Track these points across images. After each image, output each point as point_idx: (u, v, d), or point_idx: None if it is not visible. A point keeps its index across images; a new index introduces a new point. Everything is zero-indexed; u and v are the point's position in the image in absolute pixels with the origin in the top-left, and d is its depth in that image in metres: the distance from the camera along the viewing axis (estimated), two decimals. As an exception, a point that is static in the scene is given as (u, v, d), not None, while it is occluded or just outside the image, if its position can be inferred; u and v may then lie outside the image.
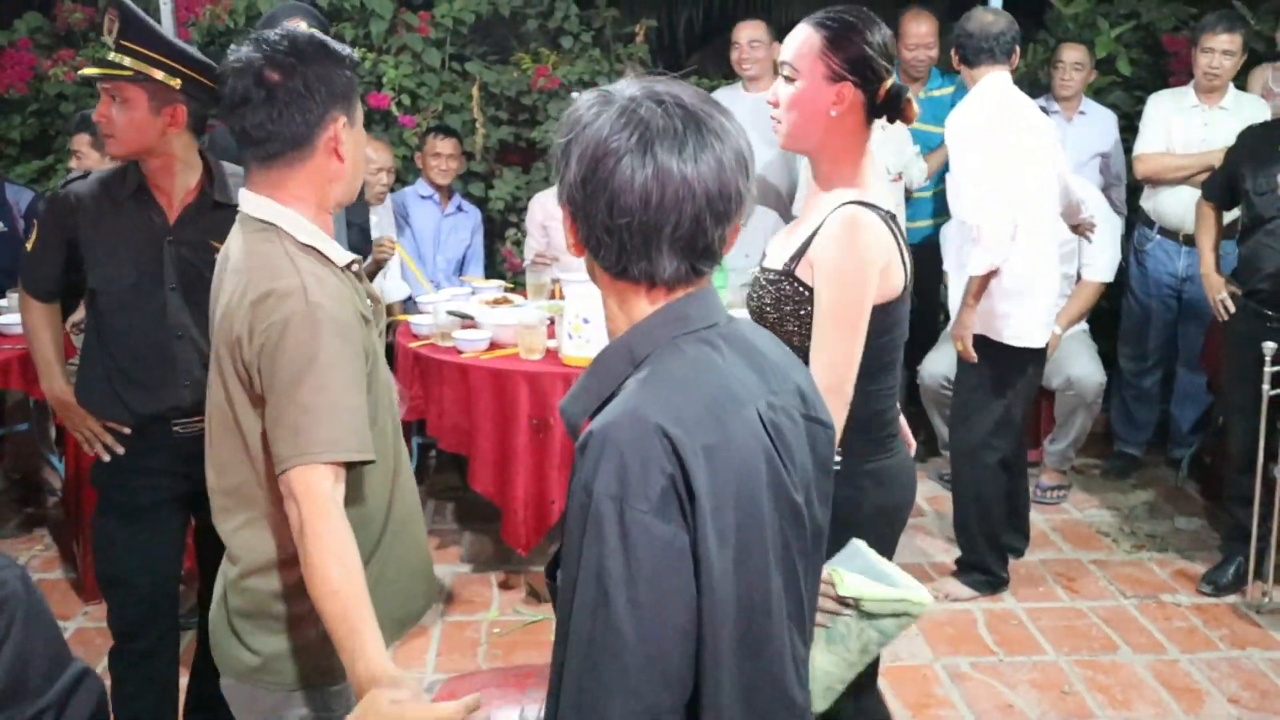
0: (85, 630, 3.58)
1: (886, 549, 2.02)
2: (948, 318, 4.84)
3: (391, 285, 4.49)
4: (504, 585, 3.88)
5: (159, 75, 2.30)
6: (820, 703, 1.74)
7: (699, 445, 1.15)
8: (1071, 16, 5.39)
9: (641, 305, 1.26)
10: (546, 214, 4.69)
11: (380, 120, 5.31)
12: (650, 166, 1.18)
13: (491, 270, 5.24)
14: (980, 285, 3.60)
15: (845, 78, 2.02)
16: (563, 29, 5.60)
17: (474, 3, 5.43)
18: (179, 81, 2.32)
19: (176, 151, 2.41)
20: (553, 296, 4.31)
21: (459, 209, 4.96)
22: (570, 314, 3.58)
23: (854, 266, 2.00)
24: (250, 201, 1.78)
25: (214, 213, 2.42)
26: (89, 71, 2.39)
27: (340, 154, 1.78)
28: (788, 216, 4.72)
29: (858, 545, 1.86)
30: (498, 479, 3.66)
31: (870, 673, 2.21)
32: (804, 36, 2.07)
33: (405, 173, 5.16)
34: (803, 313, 2.06)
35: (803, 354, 2.02)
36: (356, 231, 3.75)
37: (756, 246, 2.70)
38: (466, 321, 3.92)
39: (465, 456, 3.86)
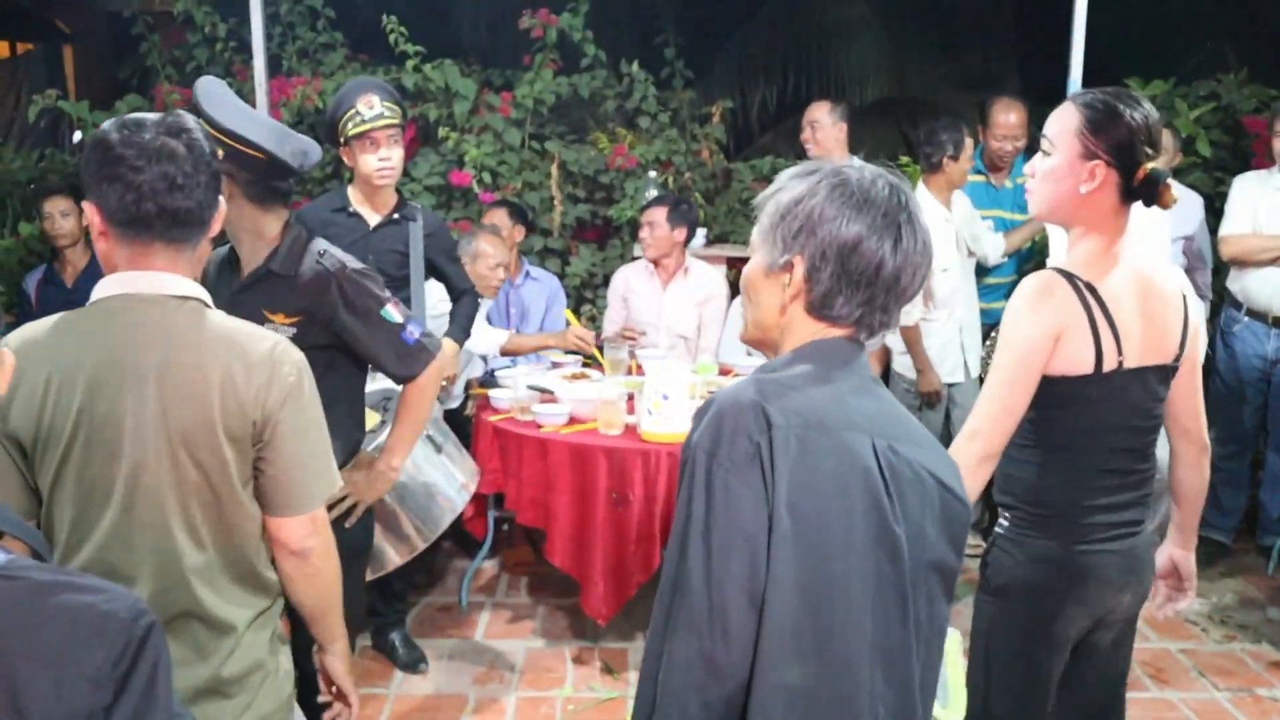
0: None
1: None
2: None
3: (483, 339, 4.39)
4: (578, 660, 3.85)
5: None
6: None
7: (794, 429, 1.28)
8: (1150, 98, 5.38)
9: (808, 332, 1.42)
10: (628, 287, 4.74)
11: (460, 197, 5.43)
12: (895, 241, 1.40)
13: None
14: None
15: (1098, 156, 2.02)
16: (640, 109, 5.71)
17: (554, 84, 5.56)
18: (221, 152, 2.34)
19: (234, 220, 2.42)
20: (630, 372, 4.34)
21: (529, 276, 4.91)
22: (650, 390, 3.61)
23: (1023, 321, 2.03)
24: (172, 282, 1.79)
25: (266, 282, 2.46)
26: None
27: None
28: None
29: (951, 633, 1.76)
30: (576, 552, 3.67)
31: None
32: (1063, 111, 2.09)
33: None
34: None
35: None
36: (458, 328, 3.77)
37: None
38: (546, 396, 3.95)
39: (541, 531, 3.87)
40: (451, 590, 4.41)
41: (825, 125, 4.84)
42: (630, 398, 3.87)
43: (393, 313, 2.53)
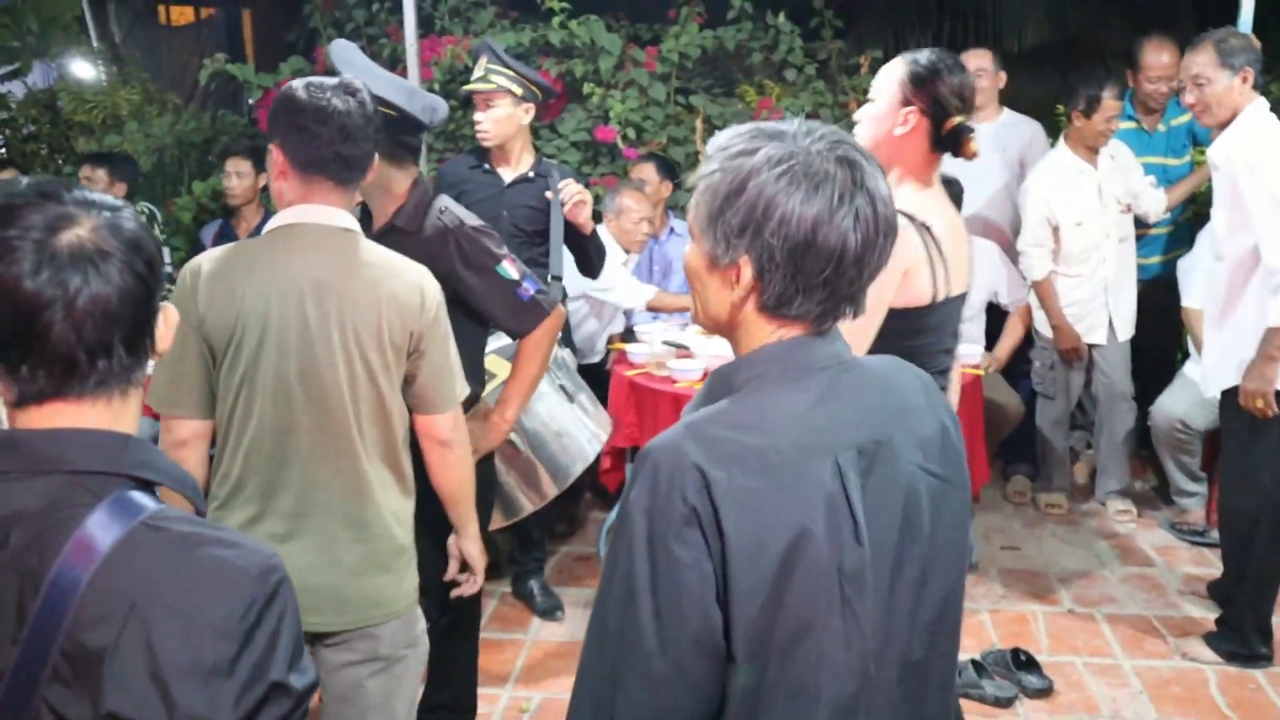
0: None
1: None
2: (1185, 356, 4.59)
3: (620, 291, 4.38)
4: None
5: None
6: None
7: (735, 481, 1.18)
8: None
9: (763, 334, 1.29)
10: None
11: (607, 153, 5.49)
12: (841, 217, 1.23)
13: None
14: None
15: (913, 104, 2.32)
16: (787, 62, 5.64)
17: (700, 38, 5.55)
18: None
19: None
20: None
21: (674, 232, 4.88)
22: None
23: None
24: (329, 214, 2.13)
25: (391, 236, 2.53)
26: None
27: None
28: (1011, 251, 4.59)
29: None
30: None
31: None
32: (892, 65, 2.38)
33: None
34: None
35: None
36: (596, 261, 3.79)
37: (979, 278, 2.74)
38: (682, 351, 4.00)
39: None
40: (590, 540, 4.52)
41: (988, 73, 4.71)
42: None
43: (508, 269, 2.66)
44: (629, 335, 4.56)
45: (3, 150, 5.67)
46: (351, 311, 2.08)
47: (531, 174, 3.67)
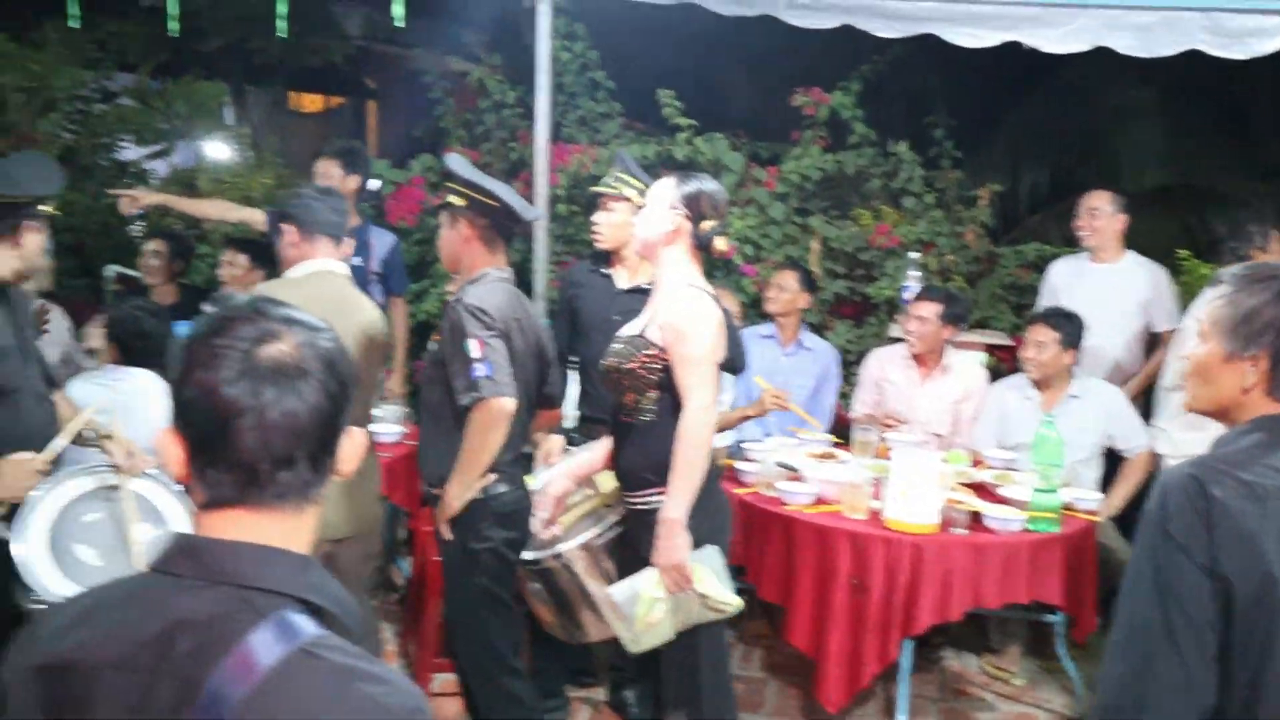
0: None
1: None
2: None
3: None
4: (805, 741, 3.85)
5: (455, 200, 3.20)
6: (647, 640, 2.86)
7: (1231, 501, 1.58)
8: None
9: (1264, 407, 1.71)
10: (883, 374, 4.70)
11: (722, 267, 5.57)
12: None
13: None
14: None
15: (679, 208, 2.91)
16: (905, 189, 5.71)
17: (821, 161, 5.65)
18: (465, 202, 3.17)
19: (460, 256, 3.26)
20: (879, 455, 4.32)
21: (801, 346, 4.80)
22: (898, 477, 3.59)
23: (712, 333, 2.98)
24: None
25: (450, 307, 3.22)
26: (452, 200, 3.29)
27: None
28: (1134, 396, 4.54)
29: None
30: (814, 634, 3.67)
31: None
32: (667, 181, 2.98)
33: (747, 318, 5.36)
34: None
35: None
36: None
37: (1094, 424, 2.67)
38: (793, 474, 3.99)
39: (779, 606, 3.90)
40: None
41: (1105, 214, 4.72)
42: (877, 482, 3.86)
43: (472, 347, 3.03)
44: (737, 451, 4.57)
45: (144, 224, 5.92)
46: (353, 338, 3.15)
47: (647, 285, 3.75)
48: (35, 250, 2.93)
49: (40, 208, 2.92)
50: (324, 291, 3.23)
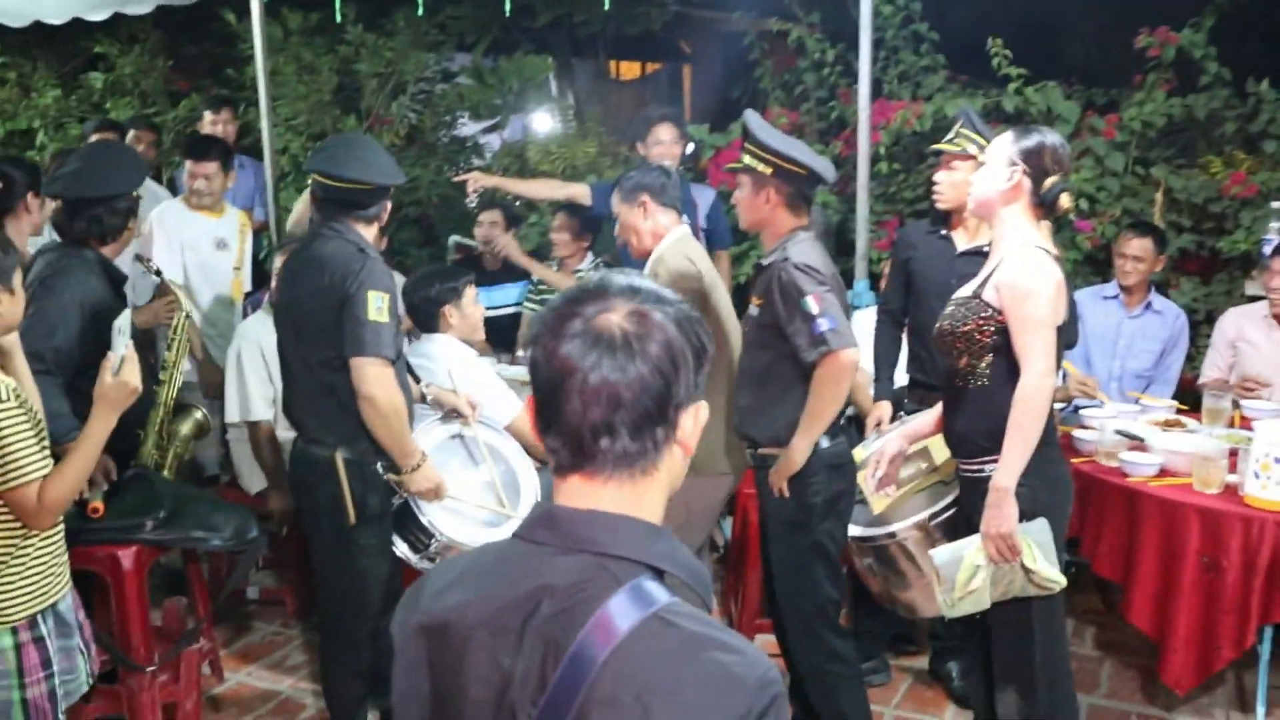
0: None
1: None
2: None
3: None
4: (1146, 725, 3.64)
5: (759, 166, 3.12)
6: (963, 606, 2.80)
7: None
8: None
9: None
10: (1240, 334, 4.33)
11: (1055, 223, 5.27)
12: None
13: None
14: None
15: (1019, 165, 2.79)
16: (1266, 132, 5.18)
17: (1167, 105, 5.23)
18: (770, 170, 3.11)
19: (766, 221, 3.20)
20: (1232, 424, 3.99)
21: (1149, 308, 4.51)
22: (1259, 450, 3.30)
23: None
24: None
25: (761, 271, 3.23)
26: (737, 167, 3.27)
27: None
28: None
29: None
30: (1157, 614, 3.45)
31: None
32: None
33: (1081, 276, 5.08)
34: None
35: None
36: None
37: None
38: (1135, 443, 3.76)
39: (1113, 582, 3.69)
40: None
41: None
42: (1232, 454, 3.56)
43: (811, 304, 2.98)
44: (1072, 417, 4.34)
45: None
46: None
47: (987, 248, 3.59)
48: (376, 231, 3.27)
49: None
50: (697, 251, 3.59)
